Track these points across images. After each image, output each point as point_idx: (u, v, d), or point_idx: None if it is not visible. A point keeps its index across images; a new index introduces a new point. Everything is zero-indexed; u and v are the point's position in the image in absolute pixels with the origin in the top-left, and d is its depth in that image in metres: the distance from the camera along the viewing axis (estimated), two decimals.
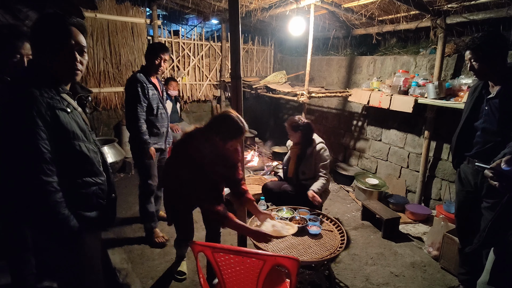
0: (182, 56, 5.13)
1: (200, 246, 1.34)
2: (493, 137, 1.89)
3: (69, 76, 1.26)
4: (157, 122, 2.70)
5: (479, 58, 1.84)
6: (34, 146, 1.08)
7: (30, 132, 1.08)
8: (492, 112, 1.91)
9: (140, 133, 2.54)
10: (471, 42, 1.86)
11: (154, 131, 2.69)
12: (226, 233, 3.02)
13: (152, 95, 2.61)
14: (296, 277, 1.32)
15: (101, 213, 1.34)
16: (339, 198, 3.93)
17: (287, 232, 1.96)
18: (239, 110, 1.87)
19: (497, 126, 1.87)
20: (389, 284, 2.40)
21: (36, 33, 1.19)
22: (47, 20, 1.21)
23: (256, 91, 4.65)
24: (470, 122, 2.05)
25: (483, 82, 1.99)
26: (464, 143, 2.10)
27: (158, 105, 2.68)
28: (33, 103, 1.09)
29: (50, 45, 1.18)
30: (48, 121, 1.12)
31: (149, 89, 2.58)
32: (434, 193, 3.56)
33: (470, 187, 2.07)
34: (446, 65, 3.34)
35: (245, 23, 5.06)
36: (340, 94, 4.12)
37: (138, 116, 2.53)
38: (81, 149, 1.22)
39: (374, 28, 4.08)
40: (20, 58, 1.74)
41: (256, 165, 4.73)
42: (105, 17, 4.19)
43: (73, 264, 1.27)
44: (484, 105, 1.96)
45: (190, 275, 2.41)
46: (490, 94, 1.92)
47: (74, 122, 1.22)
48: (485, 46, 1.81)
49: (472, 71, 1.93)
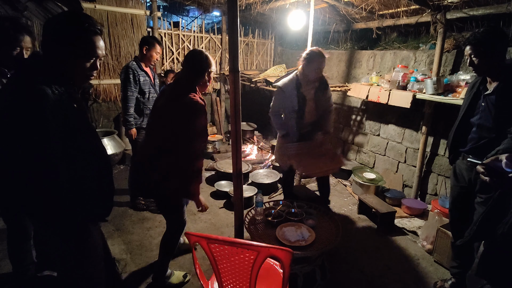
0: (182, 48, 5.11)
1: (195, 237, 1.37)
2: (488, 134, 1.90)
3: (83, 81, 1.25)
4: (149, 104, 3.07)
5: (479, 53, 1.83)
6: (47, 143, 1.08)
7: (43, 130, 1.07)
8: (488, 109, 1.91)
9: (127, 114, 2.94)
10: (472, 37, 1.85)
11: (146, 113, 3.08)
12: (224, 225, 3.06)
13: (143, 81, 2.99)
14: (289, 268, 1.35)
15: (106, 205, 1.37)
16: (337, 192, 3.97)
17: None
18: (237, 104, 1.88)
19: (492, 122, 1.87)
20: (383, 276, 2.44)
21: (57, 33, 1.13)
22: (73, 24, 1.14)
23: (255, 85, 4.65)
24: (467, 118, 2.06)
25: (482, 78, 1.99)
26: (460, 139, 2.11)
27: (150, 89, 3.07)
28: (46, 102, 1.06)
29: (73, 52, 1.15)
30: (59, 119, 1.10)
31: (140, 76, 2.95)
32: (430, 188, 3.59)
33: (464, 182, 2.09)
34: (445, 60, 3.34)
35: (245, 16, 5.03)
36: (339, 88, 4.12)
37: (128, 98, 2.91)
38: (87, 144, 1.23)
39: (375, 23, 4.06)
40: (20, 51, 1.76)
41: (255, 158, 4.76)
42: (104, 8, 4.17)
43: (77, 255, 1.30)
44: (481, 101, 1.96)
45: (187, 266, 2.45)
46: (488, 90, 1.92)
47: (81, 117, 1.22)
48: (486, 42, 1.80)
49: (471, 66, 1.92)
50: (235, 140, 1.89)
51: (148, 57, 3.00)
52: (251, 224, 2.25)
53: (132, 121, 2.99)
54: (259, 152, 4.97)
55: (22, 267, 1.98)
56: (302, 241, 2.04)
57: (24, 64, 1.20)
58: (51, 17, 1.19)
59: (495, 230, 1.25)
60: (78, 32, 1.14)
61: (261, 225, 2.25)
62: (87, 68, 1.20)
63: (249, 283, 1.36)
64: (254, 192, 3.47)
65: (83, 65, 1.18)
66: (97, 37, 1.18)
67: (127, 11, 4.39)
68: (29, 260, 2.00)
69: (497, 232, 1.23)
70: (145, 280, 2.29)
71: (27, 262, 1.99)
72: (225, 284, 1.46)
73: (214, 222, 3.12)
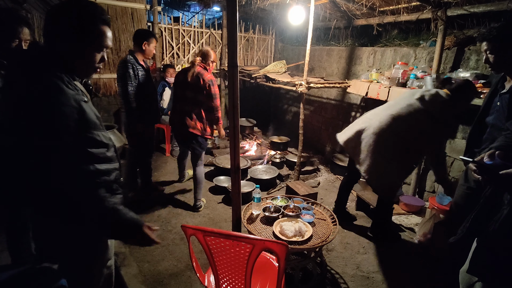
0: (182, 43, 5.10)
1: (192, 230, 1.38)
2: (500, 135, 1.76)
3: (89, 74, 1.20)
4: (147, 98, 3.07)
5: (495, 49, 1.74)
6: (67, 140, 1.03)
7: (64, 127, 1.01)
8: (502, 108, 1.82)
9: (130, 109, 2.94)
10: (488, 33, 1.74)
11: (145, 107, 3.07)
12: (222, 220, 3.08)
13: (142, 75, 2.98)
14: (285, 261, 1.36)
15: (122, 197, 1.31)
16: (335, 188, 3.97)
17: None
18: (235, 99, 1.89)
19: (506, 122, 1.75)
20: (378, 272, 2.46)
21: (67, 21, 1.06)
22: (86, 12, 1.08)
23: (255, 81, 4.64)
24: (484, 117, 1.97)
25: (502, 75, 1.89)
26: (476, 139, 2.02)
27: (149, 84, 3.07)
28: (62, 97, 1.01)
29: (85, 42, 1.09)
30: (75, 114, 1.05)
31: (139, 70, 2.94)
32: (428, 185, 3.60)
33: (473, 184, 2.02)
34: (446, 58, 3.33)
35: (245, 11, 5.01)
36: (339, 85, 4.11)
37: (129, 94, 2.90)
38: (100, 138, 1.17)
39: (375, 19, 4.05)
40: (18, 42, 1.76)
41: (254, 154, 4.77)
42: (104, 2, 4.15)
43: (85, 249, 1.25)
44: (497, 99, 1.88)
45: (185, 259, 2.47)
46: (504, 89, 1.84)
47: (91, 111, 1.15)
48: (503, 38, 1.70)
49: (487, 63, 1.83)
50: (233, 135, 1.90)
51: (148, 52, 2.99)
52: (249, 219, 2.27)
53: (136, 115, 2.97)
54: (258, 148, 4.97)
55: (21, 259, 1.99)
56: (300, 236, 2.05)
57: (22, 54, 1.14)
58: (58, 5, 1.09)
59: (487, 227, 1.25)
60: (90, 21, 1.09)
61: (258, 220, 2.27)
62: (96, 60, 1.15)
63: (245, 276, 1.37)
64: (252, 187, 3.48)
65: (93, 56, 1.14)
66: (107, 27, 1.14)
67: (128, 5, 4.37)
68: (28, 252, 2.01)
69: (489, 229, 1.24)
70: (142, 272, 2.32)
71: (26, 254, 2.00)
72: (221, 277, 1.48)
73: (213, 216, 3.14)
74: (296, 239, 2.02)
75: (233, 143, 1.91)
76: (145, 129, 3.08)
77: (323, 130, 5.19)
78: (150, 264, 2.42)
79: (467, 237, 1.39)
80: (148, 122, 3.13)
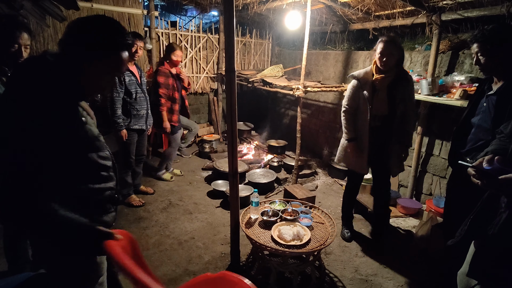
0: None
1: None
2: (485, 135, 1.83)
3: (95, 95, 1.17)
4: (136, 105, 3.04)
5: (486, 51, 1.76)
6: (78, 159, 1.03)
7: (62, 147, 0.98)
8: (488, 109, 1.84)
9: (115, 116, 2.89)
10: (480, 35, 1.76)
11: (134, 113, 3.04)
12: (220, 225, 3.07)
13: (129, 81, 2.93)
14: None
15: (115, 216, 1.29)
16: (333, 191, 3.99)
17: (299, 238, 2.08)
18: (233, 104, 1.90)
19: (491, 123, 1.79)
20: (377, 275, 2.47)
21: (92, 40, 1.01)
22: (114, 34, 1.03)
23: (252, 85, 4.66)
24: (470, 118, 1.99)
25: (489, 77, 1.92)
26: (461, 140, 2.04)
27: (137, 89, 3.02)
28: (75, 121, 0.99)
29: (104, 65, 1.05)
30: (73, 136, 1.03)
31: (126, 76, 2.90)
32: (425, 188, 3.62)
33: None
34: (440, 61, 3.37)
35: (242, 16, 5.04)
36: (336, 89, 4.14)
37: (114, 100, 2.85)
38: (96, 160, 1.14)
39: (371, 23, 4.09)
40: (18, 48, 1.75)
41: (251, 158, 4.78)
42: (101, 7, 4.15)
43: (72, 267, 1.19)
44: (483, 101, 1.90)
45: (184, 264, 2.46)
46: (491, 90, 1.86)
47: (90, 131, 1.10)
48: (493, 40, 1.72)
49: (477, 65, 1.84)
50: (231, 139, 1.91)
51: (132, 53, 2.90)
52: (247, 223, 2.27)
53: (121, 122, 2.93)
54: (256, 151, 4.98)
55: (17, 265, 1.98)
56: (298, 240, 2.05)
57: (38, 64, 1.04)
58: (83, 20, 1.05)
59: (485, 231, 1.26)
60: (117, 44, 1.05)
61: (257, 224, 2.27)
62: (108, 83, 1.12)
63: None
64: (250, 191, 3.48)
65: (107, 79, 1.11)
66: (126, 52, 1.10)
67: (125, 10, 4.38)
68: (25, 259, 2.00)
69: (488, 232, 1.25)
70: None
71: (23, 260, 1.99)
72: None
73: (211, 221, 3.13)
74: (295, 243, 2.02)
75: (231, 147, 1.92)
76: (132, 134, 3.08)
77: (320, 134, 5.21)
78: None
79: (465, 240, 1.40)
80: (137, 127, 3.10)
